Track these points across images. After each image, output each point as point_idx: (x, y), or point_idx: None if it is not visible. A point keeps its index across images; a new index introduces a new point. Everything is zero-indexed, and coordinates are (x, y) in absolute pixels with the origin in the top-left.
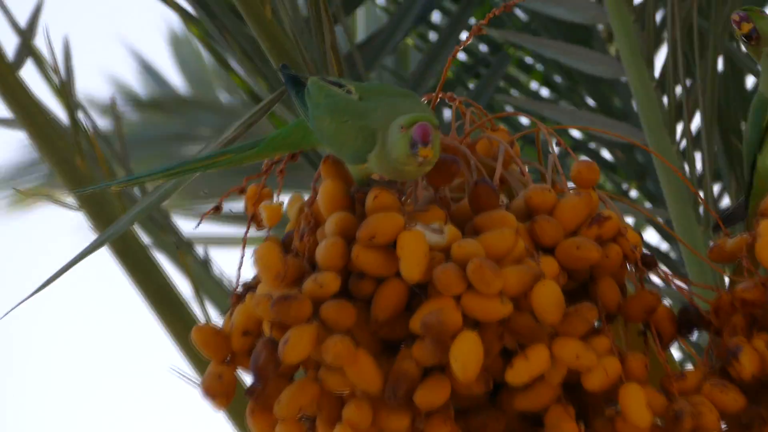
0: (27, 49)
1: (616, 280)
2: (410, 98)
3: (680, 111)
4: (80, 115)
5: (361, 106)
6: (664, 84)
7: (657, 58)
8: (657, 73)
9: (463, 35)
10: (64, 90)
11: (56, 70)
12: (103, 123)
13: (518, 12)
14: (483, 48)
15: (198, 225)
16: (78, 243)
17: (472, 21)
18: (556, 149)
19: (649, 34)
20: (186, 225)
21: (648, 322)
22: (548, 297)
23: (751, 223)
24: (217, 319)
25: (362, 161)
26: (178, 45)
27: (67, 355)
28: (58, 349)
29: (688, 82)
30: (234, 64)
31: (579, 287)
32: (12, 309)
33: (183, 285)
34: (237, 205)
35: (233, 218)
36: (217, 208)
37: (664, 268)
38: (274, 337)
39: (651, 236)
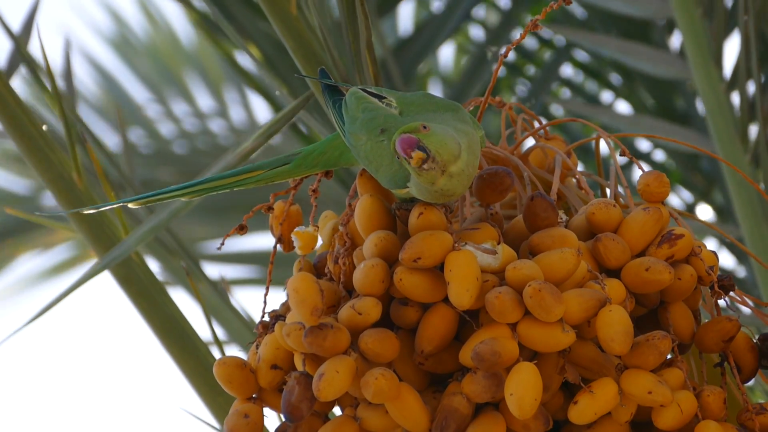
0: (21, 55)
1: (689, 305)
2: (453, 111)
3: (753, 113)
4: (78, 126)
5: (400, 123)
6: (734, 84)
7: (726, 56)
8: (727, 72)
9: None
10: (61, 98)
11: (51, 76)
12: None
13: (573, 6)
14: (532, 46)
15: (221, 246)
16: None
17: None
18: (619, 159)
19: (719, 28)
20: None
21: (726, 353)
22: (615, 324)
23: None
24: (235, 353)
25: (399, 187)
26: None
27: (66, 392)
28: (57, 386)
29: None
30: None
31: (648, 313)
32: (6, 338)
33: (196, 315)
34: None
35: (248, 258)
36: (242, 227)
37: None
38: (307, 372)
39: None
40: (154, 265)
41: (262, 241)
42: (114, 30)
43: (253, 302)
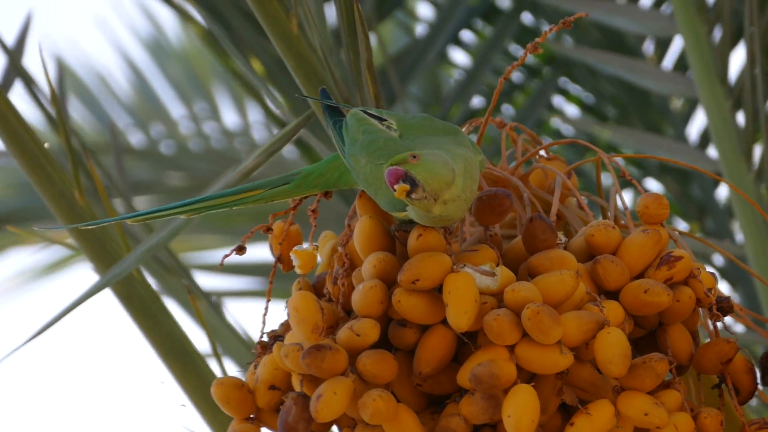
0: (15, 69)
1: (687, 327)
2: (453, 135)
3: (757, 131)
4: (77, 144)
5: (399, 146)
6: (739, 102)
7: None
8: (731, 89)
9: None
10: (59, 116)
11: (53, 97)
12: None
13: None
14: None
15: (221, 265)
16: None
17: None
18: (617, 180)
19: (724, 47)
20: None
21: (724, 374)
22: (613, 347)
23: None
24: (234, 372)
25: (398, 210)
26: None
27: (66, 408)
28: (57, 402)
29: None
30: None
31: (646, 335)
32: (7, 356)
33: (195, 334)
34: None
35: (251, 270)
36: (241, 248)
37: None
38: (305, 392)
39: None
40: (150, 280)
41: (259, 252)
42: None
43: (249, 315)
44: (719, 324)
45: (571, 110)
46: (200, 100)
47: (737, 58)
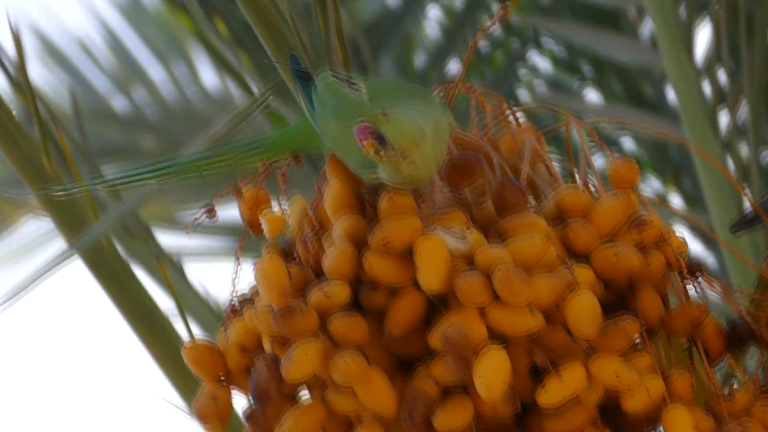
0: None
1: (658, 290)
2: (423, 98)
3: (724, 100)
4: (44, 110)
5: (369, 109)
6: (705, 71)
7: (696, 43)
8: (698, 60)
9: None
10: (24, 79)
11: (21, 61)
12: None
13: None
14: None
15: (190, 231)
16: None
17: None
18: (588, 145)
19: (690, 16)
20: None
21: (694, 338)
22: (584, 309)
23: None
24: (201, 336)
25: (369, 172)
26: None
27: (33, 375)
28: (24, 369)
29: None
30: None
31: (617, 299)
32: None
33: (163, 300)
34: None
35: (212, 229)
36: (210, 211)
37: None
38: (275, 354)
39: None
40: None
41: (226, 212)
42: None
43: (214, 276)
44: (690, 288)
45: (546, 66)
46: (180, 63)
47: (703, 32)
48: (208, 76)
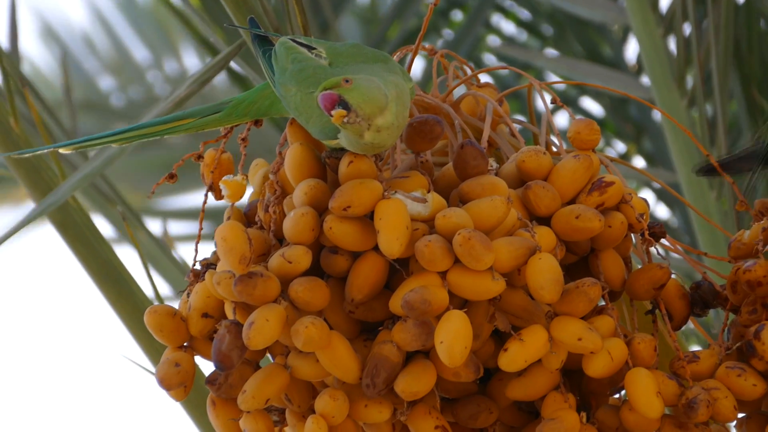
0: None
1: (619, 252)
2: (383, 62)
3: (690, 58)
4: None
5: (329, 74)
6: (670, 29)
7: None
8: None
9: None
10: None
11: None
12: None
13: None
14: None
15: (152, 195)
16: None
17: None
18: (549, 106)
19: None
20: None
21: (656, 300)
22: (545, 272)
23: None
24: (172, 299)
25: (330, 138)
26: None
27: (4, 336)
28: None
29: (699, 28)
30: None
31: (579, 261)
32: None
33: (133, 262)
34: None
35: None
36: (172, 176)
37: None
38: (237, 320)
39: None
40: (103, 223)
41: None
42: None
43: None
44: (653, 250)
45: (509, 27)
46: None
47: None
48: (191, 59)
